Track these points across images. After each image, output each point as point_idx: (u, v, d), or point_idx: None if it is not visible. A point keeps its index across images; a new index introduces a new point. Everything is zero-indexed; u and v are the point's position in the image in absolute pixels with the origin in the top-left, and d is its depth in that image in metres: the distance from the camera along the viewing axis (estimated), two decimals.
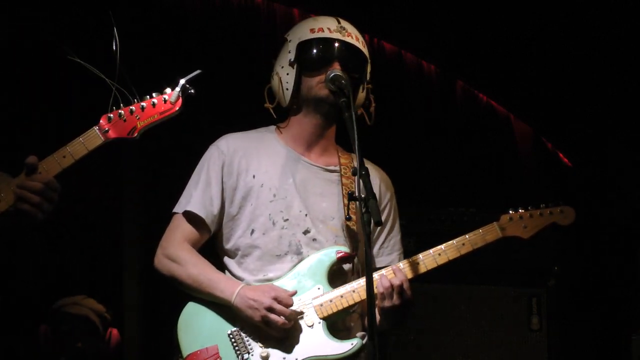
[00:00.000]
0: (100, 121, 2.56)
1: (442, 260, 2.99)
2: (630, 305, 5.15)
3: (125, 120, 2.55)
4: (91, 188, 4.63)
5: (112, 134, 2.55)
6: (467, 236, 3.02)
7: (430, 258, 2.98)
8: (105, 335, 4.16)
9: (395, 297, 2.87)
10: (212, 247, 3.10)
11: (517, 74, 5.46)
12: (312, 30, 3.05)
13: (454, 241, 3.01)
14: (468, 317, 4.53)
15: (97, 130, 2.55)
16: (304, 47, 3.03)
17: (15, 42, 4.52)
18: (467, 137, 5.64)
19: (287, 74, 3.04)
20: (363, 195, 2.64)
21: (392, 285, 2.87)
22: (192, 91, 2.60)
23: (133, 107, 2.56)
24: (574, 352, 5.03)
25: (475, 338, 4.52)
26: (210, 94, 4.89)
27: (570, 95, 5.44)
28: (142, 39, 4.69)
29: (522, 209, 3.09)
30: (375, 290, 2.86)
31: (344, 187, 3.05)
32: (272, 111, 3.10)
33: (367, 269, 2.60)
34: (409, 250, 3.10)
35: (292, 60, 3.04)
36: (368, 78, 3.10)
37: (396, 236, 3.15)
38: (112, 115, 2.55)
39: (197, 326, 2.92)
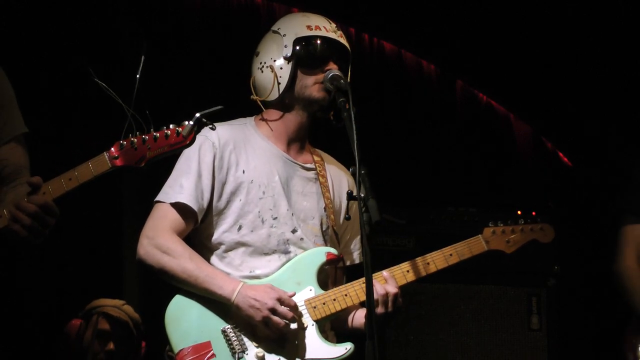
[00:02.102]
0: (112, 148, 2.53)
1: (431, 269, 3.02)
2: None
3: (136, 149, 2.51)
4: (91, 188, 4.62)
5: (120, 162, 2.53)
6: (454, 247, 3.05)
7: (420, 266, 3.00)
8: (137, 346, 4.12)
9: (389, 304, 2.88)
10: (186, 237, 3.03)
11: (517, 73, 5.46)
12: (309, 28, 3.05)
13: (442, 251, 3.04)
14: (468, 317, 4.53)
15: (106, 156, 2.53)
16: (301, 43, 3.02)
17: (40, 64, 4.55)
18: (467, 137, 5.64)
19: (282, 69, 3.03)
20: (363, 195, 2.64)
21: (387, 293, 2.88)
22: (213, 127, 2.56)
23: (146, 137, 2.51)
24: (574, 352, 5.02)
25: (475, 338, 4.52)
26: (210, 94, 4.91)
27: (570, 95, 5.44)
28: (139, 40, 4.69)
29: (502, 223, 3.11)
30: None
31: (321, 185, 3.06)
32: (259, 104, 3.08)
33: (367, 269, 2.59)
34: (408, 249, 3.11)
35: (288, 55, 3.02)
36: (349, 80, 3.10)
37: (358, 235, 3.15)
38: (124, 142, 2.52)
39: (187, 321, 2.88)
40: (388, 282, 2.91)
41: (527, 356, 4.51)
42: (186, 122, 2.53)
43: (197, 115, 2.54)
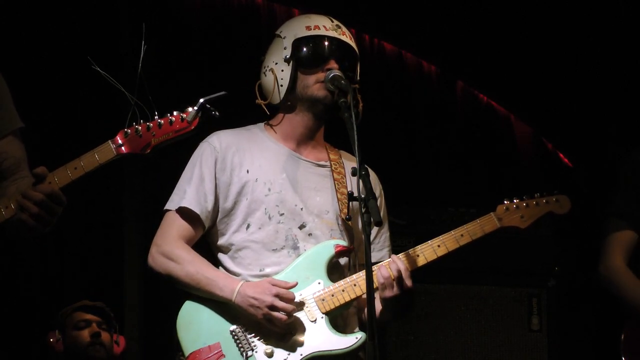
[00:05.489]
0: (117, 136, 2.54)
1: (441, 251, 2.97)
2: None
3: (141, 136, 2.53)
4: (92, 188, 4.64)
5: (125, 149, 2.53)
6: (465, 227, 3.00)
7: (429, 250, 2.96)
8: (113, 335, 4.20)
9: (395, 286, 2.86)
10: (204, 244, 3.06)
11: (517, 74, 5.46)
12: (308, 28, 3.04)
13: (453, 232, 2.99)
14: (468, 317, 4.53)
15: (111, 144, 2.54)
16: (300, 44, 3.02)
17: (41, 58, 4.56)
18: (467, 137, 5.64)
19: (282, 71, 3.03)
20: (363, 196, 2.64)
21: (391, 275, 2.87)
22: (216, 113, 2.57)
23: (150, 124, 2.53)
24: (574, 352, 5.03)
25: (475, 338, 4.52)
26: (211, 94, 4.91)
27: (570, 95, 5.45)
28: (140, 40, 4.69)
29: (517, 199, 3.08)
30: (376, 282, 2.86)
31: (335, 182, 3.05)
32: (264, 107, 3.09)
33: (367, 269, 2.59)
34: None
35: (287, 57, 3.02)
36: (358, 77, 3.09)
37: (386, 232, 3.13)
38: (129, 130, 2.53)
39: (197, 324, 2.90)
40: (394, 264, 2.89)
41: (527, 357, 4.51)
42: (190, 108, 2.55)
43: (201, 100, 2.55)
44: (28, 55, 4.52)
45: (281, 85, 3.03)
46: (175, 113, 2.56)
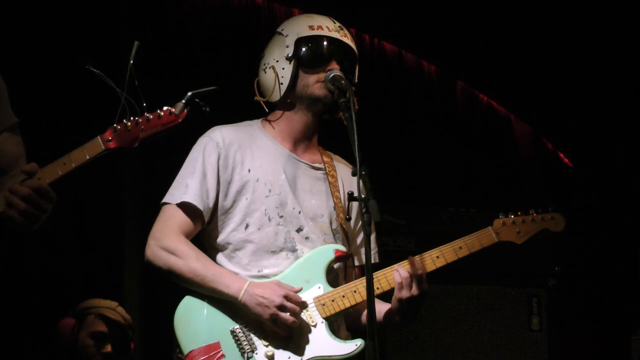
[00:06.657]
0: (106, 132, 2.55)
1: (440, 263, 2.99)
2: (630, 305, 5.16)
3: (129, 131, 2.54)
4: (91, 187, 4.64)
5: (114, 144, 2.54)
6: (463, 240, 3.03)
7: (429, 260, 2.99)
8: (130, 349, 4.13)
9: (414, 286, 2.87)
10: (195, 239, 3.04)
11: (517, 74, 5.47)
12: (311, 28, 3.05)
13: (451, 244, 3.02)
14: (468, 317, 4.53)
15: (99, 139, 2.54)
16: (303, 43, 3.03)
17: (33, 52, 4.56)
18: (467, 137, 5.64)
19: (283, 69, 3.03)
20: (363, 196, 2.65)
21: (410, 276, 2.88)
22: (207, 108, 2.57)
23: (139, 119, 2.54)
24: (574, 352, 5.03)
25: (475, 338, 4.52)
26: (211, 94, 4.91)
27: (570, 96, 5.45)
28: (140, 40, 4.69)
29: (512, 214, 3.10)
30: (388, 286, 2.90)
31: (330, 185, 3.06)
32: (263, 104, 3.09)
33: (367, 269, 2.60)
34: (409, 250, 3.11)
35: (289, 55, 3.03)
36: (356, 80, 3.10)
37: (373, 233, 3.14)
38: (118, 126, 2.54)
39: (196, 322, 2.88)
40: (414, 265, 2.90)
41: (528, 357, 4.52)
42: (178, 103, 2.56)
43: (189, 94, 2.57)
44: (19, 52, 4.50)
45: (282, 83, 3.03)
46: (164, 108, 2.57)
